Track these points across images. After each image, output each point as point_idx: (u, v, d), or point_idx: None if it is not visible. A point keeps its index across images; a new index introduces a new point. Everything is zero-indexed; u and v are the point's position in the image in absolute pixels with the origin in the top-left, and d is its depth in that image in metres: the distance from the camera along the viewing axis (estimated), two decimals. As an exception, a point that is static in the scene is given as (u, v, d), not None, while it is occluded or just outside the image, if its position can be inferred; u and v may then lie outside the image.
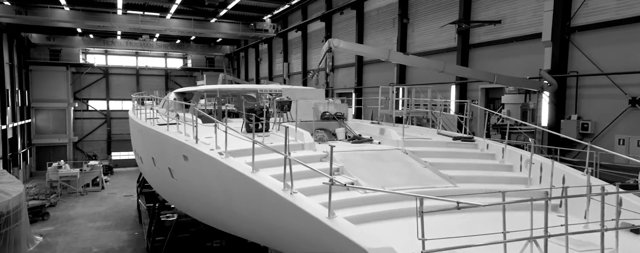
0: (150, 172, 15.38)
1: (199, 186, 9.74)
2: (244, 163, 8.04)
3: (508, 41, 16.61)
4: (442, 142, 11.16)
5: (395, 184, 8.38)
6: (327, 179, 5.60)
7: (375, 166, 9.33)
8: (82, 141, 50.64)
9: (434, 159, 9.91)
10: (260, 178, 7.08)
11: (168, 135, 10.61)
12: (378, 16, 25.01)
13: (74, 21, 33.65)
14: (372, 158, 9.72)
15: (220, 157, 8.33)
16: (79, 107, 50.75)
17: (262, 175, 7.24)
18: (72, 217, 29.54)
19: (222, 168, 8.13)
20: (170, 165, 11.48)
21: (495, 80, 13.41)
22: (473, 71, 13.49)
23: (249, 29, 37.21)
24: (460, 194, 8.40)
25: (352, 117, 13.96)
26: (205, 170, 8.99)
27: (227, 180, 8.17)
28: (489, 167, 9.77)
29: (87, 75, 50.85)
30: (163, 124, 12.73)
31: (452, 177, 8.90)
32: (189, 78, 55.18)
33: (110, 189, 38.80)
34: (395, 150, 10.31)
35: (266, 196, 6.88)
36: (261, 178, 7.09)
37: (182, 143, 9.79)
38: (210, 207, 9.65)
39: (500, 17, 16.81)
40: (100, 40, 46.72)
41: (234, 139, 8.54)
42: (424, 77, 20.93)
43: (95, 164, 39.22)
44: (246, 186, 7.45)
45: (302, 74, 33.83)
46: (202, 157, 8.80)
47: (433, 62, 14.10)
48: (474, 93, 18.39)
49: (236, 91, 16.92)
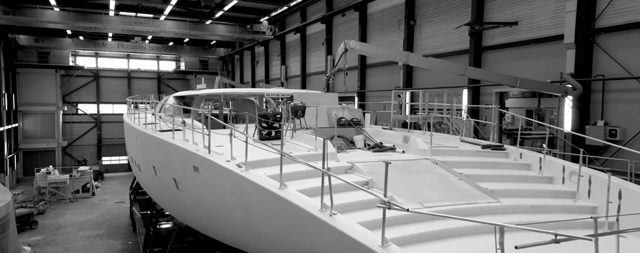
0: (149, 181, 14.43)
1: (212, 200, 8.84)
2: (265, 176, 7.20)
3: (525, 43, 15.91)
4: (470, 151, 10.37)
5: (433, 199, 7.56)
6: (382, 202, 4.74)
7: (406, 178, 8.50)
8: (71, 146, 49.24)
9: (466, 170, 9.10)
10: (291, 196, 6.22)
11: (175, 143, 9.70)
12: (382, 18, 24.26)
13: (65, 22, 32.52)
14: (401, 169, 8.89)
15: (239, 169, 7.46)
16: (68, 110, 49.35)
17: (292, 192, 6.37)
18: (61, 225, 28.38)
19: (242, 183, 7.26)
20: (175, 175, 10.57)
21: (518, 84, 12.68)
22: (494, 74, 12.78)
23: (246, 31, 36.31)
24: (507, 212, 7.65)
25: (369, 124, 13.12)
26: (221, 184, 8.11)
27: (247, 195, 7.30)
28: (528, 179, 8.99)
29: (76, 78, 49.50)
30: (166, 130, 11.85)
31: (492, 190, 8.10)
32: (182, 81, 54.06)
33: (101, 195, 37.59)
34: (423, 160, 9.51)
35: (299, 217, 6.02)
36: (292, 196, 6.22)
37: (192, 153, 8.90)
38: (223, 223, 8.74)
39: (517, 19, 16.11)
40: (90, 42, 45.51)
41: (245, 148, 7.68)
42: (431, 80, 20.22)
43: (86, 169, 37.97)
44: (272, 203, 6.58)
45: (301, 77, 32.99)
46: (218, 169, 7.92)
47: (453, 65, 13.36)
48: (487, 97, 17.68)
49: (239, 95, 16.05)
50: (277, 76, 37.96)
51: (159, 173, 12.12)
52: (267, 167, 8.15)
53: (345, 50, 12.20)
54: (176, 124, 12.28)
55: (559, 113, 14.27)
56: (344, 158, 9.24)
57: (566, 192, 8.40)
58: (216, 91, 15.74)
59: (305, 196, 6.33)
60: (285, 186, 6.57)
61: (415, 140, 10.22)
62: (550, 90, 13.40)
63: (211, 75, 52.66)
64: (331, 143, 9.63)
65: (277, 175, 7.40)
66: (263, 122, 10.72)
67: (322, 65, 30.32)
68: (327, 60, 28.94)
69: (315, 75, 31.78)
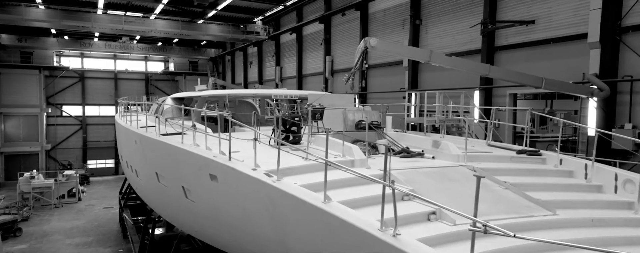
0: (149, 188, 13.44)
1: (233, 212, 7.95)
2: (301, 187, 6.38)
3: (542, 43, 15.30)
4: (505, 157, 9.64)
5: (486, 213, 6.77)
6: (474, 224, 3.94)
7: (446, 188, 7.73)
8: (55, 149, 47.60)
9: (506, 178, 8.37)
10: (341, 213, 5.38)
11: (188, 149, 8.80)
12: (385, 18, 23.56)
13: (51, 21, 31.17)
14: (438, 177, 8.11)
15: (269, 179, 6.60)
16: (52, 112, 47.62)
17: (340, 208, 5.54)
18: (47, 232, 27.10)
19: (274, 194, 6.41)
20: (185, 183, 9.65)
21: (543, 85, 12.02)
22: (520, 75, 12.12)
23: (239, 31, 35.34)
24: (567, 226, 6.89)
25: (391, 126, 12.33)
26: (246, 194, 7.24)
27: (281, 208, 6.45)
28: (576, 188, 8.27)
29: (61, 79, 47.88)
30: (172, 133, 10.93)
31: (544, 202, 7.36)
32: (171, 82, 52.73)
33: (88, 200, 36.24)
34: (458, 167, 8.74)
35: (352, 236, 5.19)
36: (342, 213, 5.38)
37: (210, 160, 8.01)
38: (246, 237, 7.83)
39: (533, 17, 15.50)
40: (76, 42, 44.04)
41: (264, 153, 6.86)
42: (438, 82, 19.60)
43: (72, 174, 36.55)
44: (315, 219, 5.73)
45: (298, 78, 32.13)
46: (242, 178, 7.05)
47: (478, 65, 12.69)
48: (499, 99, 17.04)
49: (246, 96, 15.17)
50: (271, 77, 37.03)
51: (163, 180, 11.19)
52: (294, 176, 7.33)
53: (366, 49, 11.40)
54: (179, 127, 11.39)
55: (581, 115, 13.66)
56: (376, 166, 8.43)
57: (622, 202, 7.69)
58: (220, 92, 14.82)
59: (353, 211, 5.52)
60: (329, 199, 5.73)
61: (448, 145, 9.46)
62: (575, 92, 12.79)
63: (201, 77, 51.55)
64: (360, 149, 8.81)
65: (310, 185, 6.61)
66: (281, 126, 9.86)
67: (320, 66, 29.51)
68: (326, 61, 28.16)
69: (312, 76, 30.94)
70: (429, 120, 13.68)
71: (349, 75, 11.58)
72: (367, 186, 7.33)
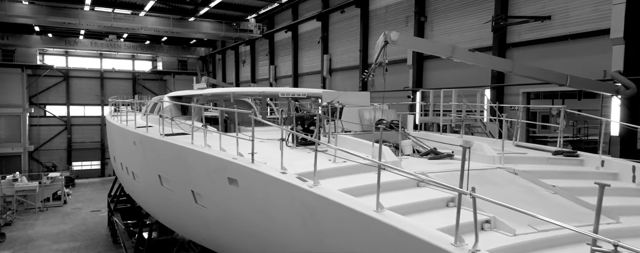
0: (149, 192, 12.53)
1: (254, 220, 7.14)
2: (339, 191, 5.63)
3: (559, 39, 14.75)
4: (541, 158, 8.98)
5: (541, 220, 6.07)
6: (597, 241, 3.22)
7: (493, 192, 6.99)
8: (38, 150, 46.03)
9: (551, 181, 7.69)
10: (403, 224, 4.62)
11: (202, 151, 7.97)
12: (386, 15, 22.89)
13: (35, 17, 29.90)
14: (480, 181, 7.37)
15: (305, 184, 5.83)
16: (35, 112, 46.07)
17: (399, 219, 4.78)
18: (32, 237, 25.85)
19: (313, 202, 5.63)
20: (195, 187, 8.82)
21: (568, 83, 11.43)
22: (544, 72, 11.52)
23: (232, 29, 34.38)
24: (634, 235, 6.26)
25: (412, 126, 11.62)
26: (275, 201, 6.45)
27: (320, 218, 5.67)
28: (628, 192, 7.62)
29: (44, 78, 46.34)
30: (176, 133, 10.09)
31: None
32: (159, 82, 51.46)
33: (74, 204, 34.89)
34: (497, 170, 8.04)
35: (416, 251, 4.44)
36: (403, 224, 4.63)
37: (228, 163, 7.21)
38: (273, 248, 7.01)
39: (549, 12, 14.95)
40: (60, 39, 42.62)
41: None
42: (443, 80, 19.03)
43: (56, 176, 35.18)
44: (369, 232, 4.96)
45: (293, 77, 31.32)
46: (271, 183, 6.26)
47: (501, 61, 12.05)
48: (512, 98, 16.47)
49: (250, 94, 14.34)
50: (265, 76, 36.15)
51: (167, 183, 10.31)
52: (324, 180, 6.55)
53: (386, 43, 10.67)
54: (183, 127, 10.59)
55: (602, 114, 13.10)
56: (405, 168, 7.68)
57: (681, 207, 7.06)
58: (224, 90, 13.97)
59: (410, 220, 4.79)
60: (382, 208, 4.97)
61: (482, 146, 8.76)
62: (600, 90, 12.23)
63: (190, 76, 50.39)
64: (391, 151, 8.06)
65: (346, 190, 5.86)
66: (299, 125, 9.10)
67: (317, 65, 28.75)
68: (323, 60, 27.41)
69: (308, 75, 30.16)
70: (445, 120, 13.00)
71: (370, 71, 10.84)
72: (407, 191, 6.63)
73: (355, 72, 24.89)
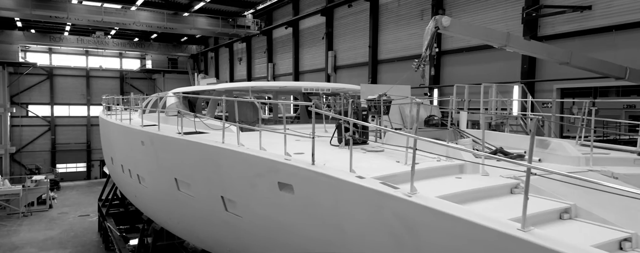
0: (160, 197, 11.10)
1: (317, 235, 5.83)
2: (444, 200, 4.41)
3: (600, 31, 13.73)
4: (627, 159, 7.86)
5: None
6: None
7: (595, 197, 5.81)
8: (20, 152, 43.83)
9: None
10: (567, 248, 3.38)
11: (242, 151, 6.65)
12: (399, 8, 21.73)
13: (20, 9, 28.08)
14: (573, 186, 6.21)
15: (397, 191, 4.57)
16: (17, 112, 43.78)
17: (560, 241, 3.54)
18: (17, 244, 24.10)
19: (414, 215, 4.37)
20: (227, 193, 7.49)
21: (627, 77, 10.38)
22: (603, 63, 10.49)
23: (229, 24, 32.93)
24: None
25: (465, 124, 10.43)
26: (346, 212, 5.17)
27: (427, 236, 4.40)
28: None
29: (27, 76, 44.11)
30: (194, 132, 8.81)
31: None
32: (148, 81, 49.57)
33: (60, 208, 33.01)
34: (588, 172, 6.88)
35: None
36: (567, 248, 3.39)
37: (280, 165, 5.93)
38: None
39: (590, 2, 13.92)
40: (45, 36, 40.66)
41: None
42: (461, 77, 17.99)
43: (41, 179, 33.27)
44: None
45: (294, 75, 29.99)
46: (348, 190, 4.99)
47: (558, 51, 10.95)
48: (544, 94, 15.42)
49: (268, 90, 13.01)
50: (262, 74, 34.76)
51: (186, 188, 8.95)
52: (402, 184, 5.29)
53: (436, 29, 9.47)
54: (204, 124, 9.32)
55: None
56: (494, 172, 6.45)
57: None
58: (240, 85, 12.60)
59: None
60: (530, 229, 3.72)
61: (562, 146, 7.59)
62: (659, 84, 11.22)
63: (181, 75, 48.70)
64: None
65: (445, 198, 4.66)
66: (346, 122, 7.82)
67: (320, 62, 27.48)
68: (328, 57, 26.14)
69: (310, 73, 28.86)
70: (485, 116, 11.86)
71: (419, 62, 9.63)
72: (501, 199, 5.46)
73: (364, 69, 23.68)
